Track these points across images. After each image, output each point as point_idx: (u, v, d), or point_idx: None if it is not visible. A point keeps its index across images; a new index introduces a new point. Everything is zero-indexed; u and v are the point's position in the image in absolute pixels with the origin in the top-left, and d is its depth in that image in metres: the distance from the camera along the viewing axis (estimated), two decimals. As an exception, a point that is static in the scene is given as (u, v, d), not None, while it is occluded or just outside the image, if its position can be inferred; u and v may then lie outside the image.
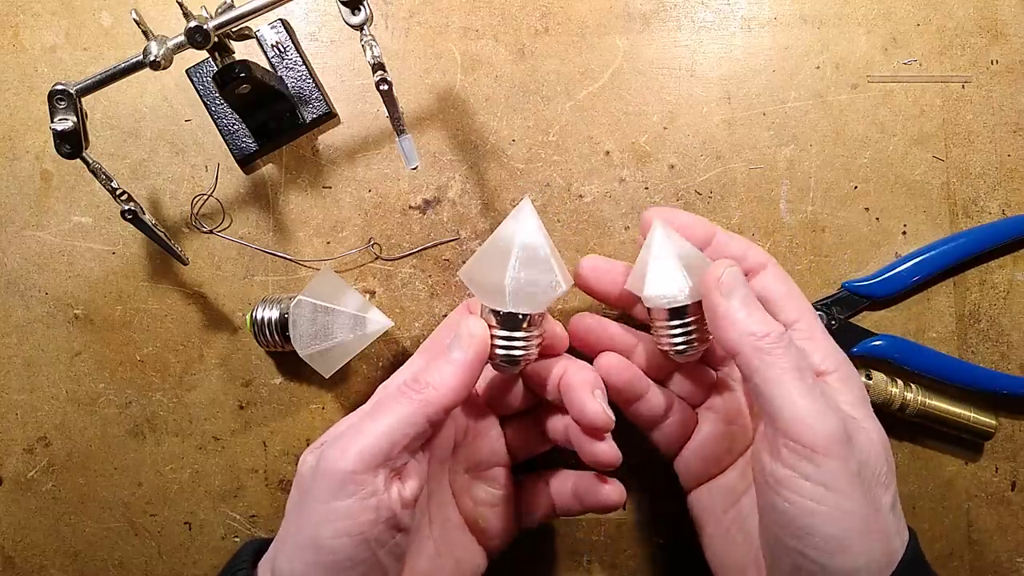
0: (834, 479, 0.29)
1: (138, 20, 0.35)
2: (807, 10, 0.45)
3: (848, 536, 0.29)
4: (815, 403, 0.30)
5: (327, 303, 0.40)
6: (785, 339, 0.31)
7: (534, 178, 0.45)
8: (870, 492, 0.30)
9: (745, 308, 0.32)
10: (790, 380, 0.30)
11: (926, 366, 0.42)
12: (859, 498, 0.29)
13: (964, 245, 0.43)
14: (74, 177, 0.45)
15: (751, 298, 0.33)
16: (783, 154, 0.44)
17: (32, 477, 0.45)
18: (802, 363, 0.31)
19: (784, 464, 0.30)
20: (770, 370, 0.31)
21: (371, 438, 0.31)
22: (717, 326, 0.33)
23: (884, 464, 0.31)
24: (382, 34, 0.45)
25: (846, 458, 0.29)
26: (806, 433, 0.29)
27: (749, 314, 0.32)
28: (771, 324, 0.32)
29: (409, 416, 0.32)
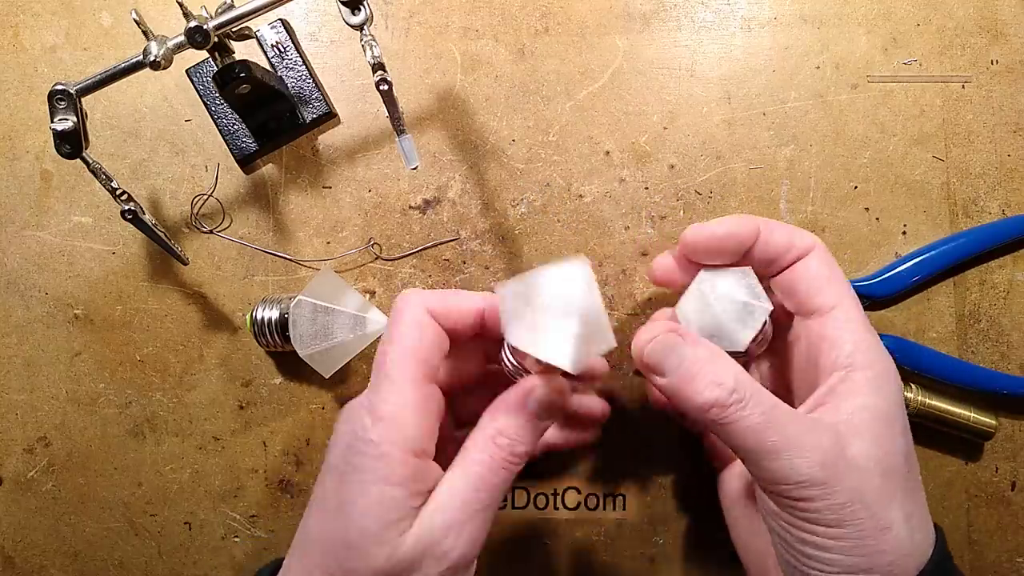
0: (824, 516, 0.29)
1: (138, 20, 0.35)
2: (807, 10, 0.45)
3: (850, 561, 0.29)
4: (786, 458, 0.28)
5: (327, 303, 0.40)
6: (735, 398, 0.29)
7: (534, 178, 0.45)
8: (868, 515, 0.29)
9: (682, 380, 0.30)
10: (756, 443, 0.29)
11: (926, 366, 0.42)
12: (854, 526, 0.29)
13: (964, 245, 0.43)
14: (74, 177, 0.45)
15: (687, 364, 0.30)
16: (783, 154, 0.44)
17: (32, 477, 0.45)
18: (766, 415, 0.29)
19: (775, 505, 0.30)
20: (731, 438, 0.30)
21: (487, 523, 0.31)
22: (671, 401, 0.32)
23: (883, 479, 0.29)
24: (382, 34, 0.45)
25: (833, 494, 0.28)
26: (783, 489, 0.29)
27: (688, 386, 0.30)
28: (715, 388, 0.30)
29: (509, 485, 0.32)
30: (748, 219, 0.35)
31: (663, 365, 0.31)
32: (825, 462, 0.29)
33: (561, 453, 0.44)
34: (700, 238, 0.35)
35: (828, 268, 0.34)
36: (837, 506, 0.29)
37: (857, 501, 0.29)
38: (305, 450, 0.44)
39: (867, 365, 0.31)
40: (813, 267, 0.34)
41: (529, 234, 0.45)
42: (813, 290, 0.33)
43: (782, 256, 0.34)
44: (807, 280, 0.34)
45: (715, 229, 0.34)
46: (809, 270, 0.34)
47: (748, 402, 0.29)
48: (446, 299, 0.33)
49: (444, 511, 0.30)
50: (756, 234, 0.34)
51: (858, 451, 0.30)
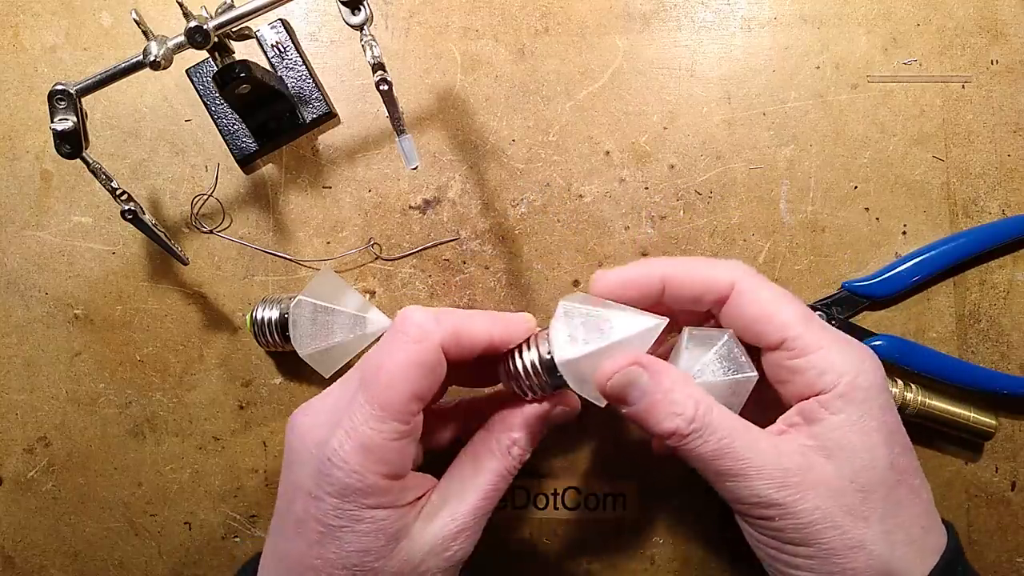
0: (788, 535, 0.30)
1: (138, 20, 0.35)
2: (807, 10, 0.45)
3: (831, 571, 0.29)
4: (745, 483, 0.29)
5: (327, 303, 0.40)
6: (694, 428, 0.30)
7: (534, 178, 0.45)
8: (836, 535, 0.29)
9: (645, 409, 0.31)
10: (715, 469, 0.30)
11: (926, 366, 0.42)
12: (817, 545, 0.29)
13: (964, 245, 0.43)
14: (74, 177, 0.45)
15: (647, 394, 0.31)
16: (783, 154, 0.44)
17: (32, 477, 0.45)
18: (723, 441, 0.30)
19: (736, 515, 0.31)
20: (696, 462, 0.31)
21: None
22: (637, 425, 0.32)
23: (858, 496, 0.29)
24: (382, 34, 0.45)
25: (790, 514, 0.29)
26: (747, 509, 0.30)
27: (650, 414, 0.31)
28: (675, 419, 0.30)
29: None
30: (651, 267, 0.33)
31: (626, 397, 0.31)
32: (785, 483, 0.29)
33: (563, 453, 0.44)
34: (604, 287, 0.34)
35: (757, 305, 0.32)
36: (800, 525, 0.29)
37: (823, 520, 0.29)
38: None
39: (834, 383, 0.30)
40: (744, 305, 0.32)
41: (529, 234, 0.45)
42: (755, 329, 0.32)
43: (701, 299, 0.33)
44: (745, 320, 0.32)
45: (615, 278, 0.33)
46: (742, 309, 0.32)
47: (705, 431, 0.30)
48: (459, 334, 0.31)
49: (455, 518, 0.31)
50: (660, 283, 0.33)
51: (828, 471, 0.30)
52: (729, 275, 0.33)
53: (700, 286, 0.33)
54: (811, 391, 0.31)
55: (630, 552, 0.44)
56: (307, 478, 0.30)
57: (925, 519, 0.31)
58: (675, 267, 0.33)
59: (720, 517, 0.43)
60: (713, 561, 0.43)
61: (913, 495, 0.31)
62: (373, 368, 0.30)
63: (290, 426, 0.32)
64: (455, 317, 0.32)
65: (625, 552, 0.44)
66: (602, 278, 0.34)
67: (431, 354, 0.30)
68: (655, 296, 0.34)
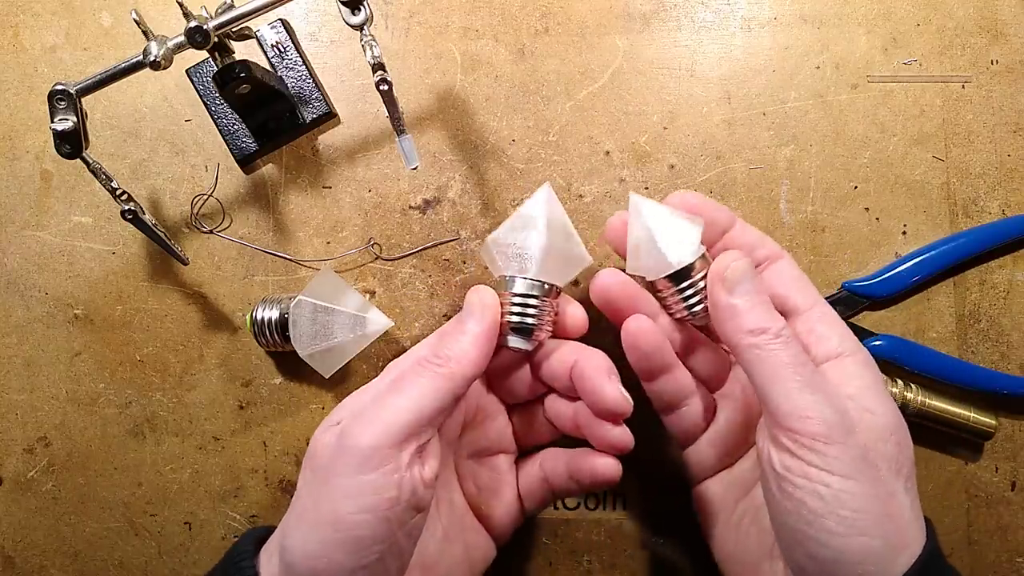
0: (838, 464, 0.29)
1: (138, 20, 0.35)
2: (807, 10, 0.45)
3: (860, 518, 0.29)
4: (811, 395, 0.30)
5: (327, 303, 0.40)
6: (784, 335, 0.31)
7: (534, 178, 0.45)
8: (878, 475, 0.30)
9: (748, 303, 0.32)
10: (787, 375, 0.30)
11: (926, 366, 0.42)
12: (867, 481, 0.29)
13: (964, 245, 0.43)
14: (74, 177, 0.45)
15: (755, 292, 0.33)
16: (783, 154, 0.44)
17: (32, 477, 0.45)
18: (800, 357, 0.31)
19: (788, 453, 0.30)
20: (765, 366, 0.31)
21: (398, 413, 0.31)
22: (717, 320, 0.33)
23: (894, 447, 0.31)
24: (382, 34, 0.45)
25: (848, 444, 0.29)
26: (805, 424, 0.29)
27: (751, 309, 0.32)
28: (771, 320, 0.32)
29: (434, 390, 0.32)
30: (726, 209, 0.36)
31: (738, 286, 0.33)
32: (845, 411, 0.30)
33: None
34: (685, 203, 0.36)
35: (800, 273, 0.35)
36: (852, 457, 0.29)
37: (870, 458, 0.30)
38: (305, 450, 0.44)
39: (855, 351, 0.33)
40: (787, 270, 0.35)
41: (529, 234, 0.45)
42: (792, 291, 0.35)
43: (752, 251, 0.35)
44: (783, 283, 0.35)
45: (705, 202, 0.36)
46: (783, 273, 0.35)
47: (791, 340, 0.31)
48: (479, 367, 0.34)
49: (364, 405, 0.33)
50: (732, 223, 0.36)
51: (871, 418, 0.31)
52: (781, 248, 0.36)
53: (757, 239, 0.36)
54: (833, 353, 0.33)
55: (630, 552, 0.44)
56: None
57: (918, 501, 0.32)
58: (743, 223, 0.37)
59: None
60: (713, 561, 0.43)
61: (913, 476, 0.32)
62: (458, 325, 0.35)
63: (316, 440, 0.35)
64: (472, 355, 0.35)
65: (625, 552, 0.44)
66: (699, 198, 0.36)
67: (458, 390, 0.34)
68: (721, 231, 0.36)
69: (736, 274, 0.33)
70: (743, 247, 0.35)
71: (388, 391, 0.32)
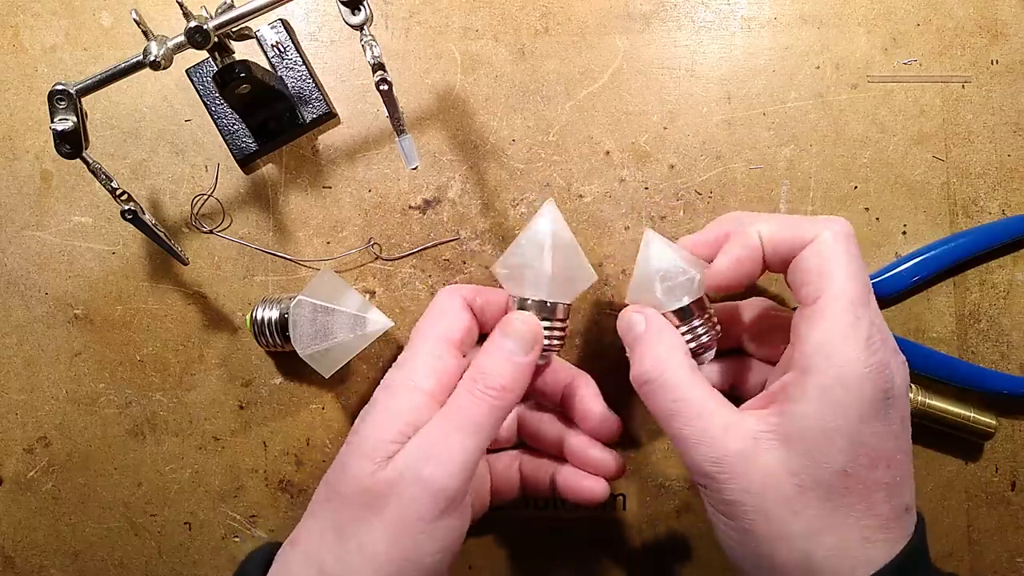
0: (715, 505, 0.32)
1: (138, 20, 0.34)
2: (807, 10, 0.45)
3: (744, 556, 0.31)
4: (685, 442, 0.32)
5: (327, 303, 0.40)
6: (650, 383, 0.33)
7: (534, 178, 0.45)
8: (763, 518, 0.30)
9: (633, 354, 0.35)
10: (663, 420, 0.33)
11: (926, 366, 0.42)
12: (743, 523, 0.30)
13: (964, 245, 0.43)
14: (74, 177, 0.45)
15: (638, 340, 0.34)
16: (783, 154, 0.44)
17: (32, 477, 0.45)
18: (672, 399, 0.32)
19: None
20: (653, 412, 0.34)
21: (467, 452, 0.31)
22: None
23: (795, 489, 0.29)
24: (382, 34, 0.45)
25: (719, 489, 0.31)
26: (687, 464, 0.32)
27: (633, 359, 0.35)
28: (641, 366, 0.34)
29: (493, 422, 0.33)
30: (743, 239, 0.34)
31: (624, 336, 0.36)
32: (720, 462, 0.30)
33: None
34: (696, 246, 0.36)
35: (822, 258, 0.31)
36: (727, 501, 0.30)
37: (749, 504, 0.30)
38: (305, 450, 0.44)
39: (824, 369, 0.29)
40: (806, 258, 0.32)
41: (529, 234, 0.45)
42: (801, 282, 0.32)
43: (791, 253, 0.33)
44: (798, 272, 0.32)
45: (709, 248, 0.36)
46: (802, 261, 0.32)
47: (659, 388, 0.33)
48: (479, 291, 0.38)
49: (424, 439, 0.32)
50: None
51: (772, 459, 0.30)
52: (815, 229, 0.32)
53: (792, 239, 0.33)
54: (797, 365, 0.30)
55: (630, 552, 0.44)
56: None
57: (871, 532, 0.29)
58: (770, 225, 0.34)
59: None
60: (713, 561, 0.43)
61: (866, 507, 0.29)
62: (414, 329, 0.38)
63: None
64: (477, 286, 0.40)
65: (625, 552, 0.44)
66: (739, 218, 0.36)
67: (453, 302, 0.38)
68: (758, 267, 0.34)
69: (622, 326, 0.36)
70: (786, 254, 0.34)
71: (447, 423, 0.33)
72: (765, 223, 0.34)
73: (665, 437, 0.44)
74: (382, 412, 0.33)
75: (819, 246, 0.32)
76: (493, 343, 0.34)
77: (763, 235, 0.33)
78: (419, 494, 0.31)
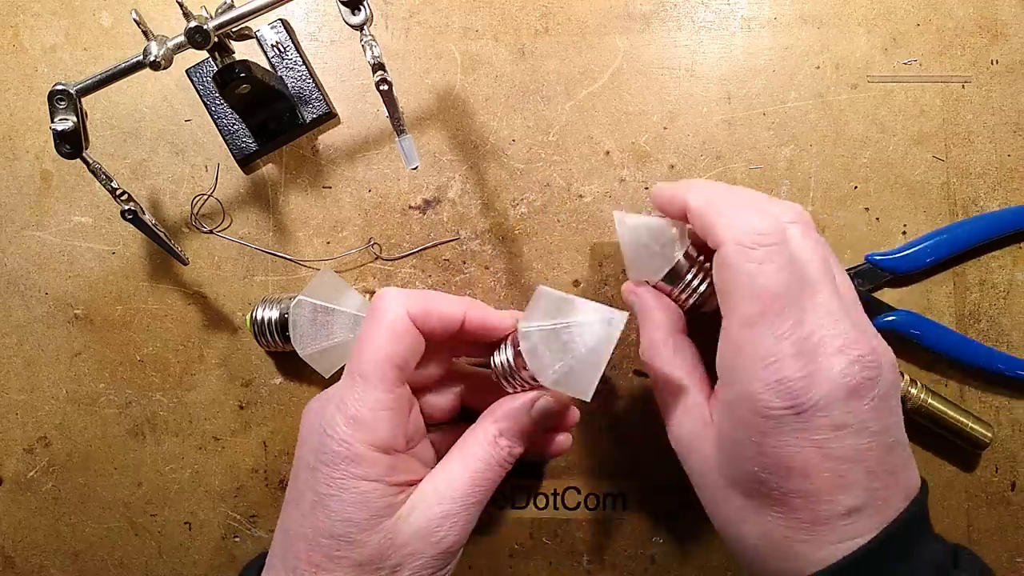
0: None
1: (138, 20, 0.35)
2: (807, 10, 0.45)
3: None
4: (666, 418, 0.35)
5: (327, 303, 0.40)
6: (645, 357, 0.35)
7: (534, 178, 0.45)
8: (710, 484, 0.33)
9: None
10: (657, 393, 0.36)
11: (939, 343, 0.42)
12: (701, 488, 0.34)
13: (991, 224, 0.43)
14: (74, 177, 0.45)
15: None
16: (783, 154, 0.44)
17: (32, 477, 0.45)
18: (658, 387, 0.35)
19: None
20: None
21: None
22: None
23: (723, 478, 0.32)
24: (382, 34, 0.45)
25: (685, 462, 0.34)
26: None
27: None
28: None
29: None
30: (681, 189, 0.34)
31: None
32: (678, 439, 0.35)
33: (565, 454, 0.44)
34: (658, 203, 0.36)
35: (720, 276, 0.31)
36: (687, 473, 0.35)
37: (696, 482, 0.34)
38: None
39: (728, 383, 0.31)
40: (715, 269, 0.32)
41: (529, 234, 0.45)
42: (724, 291, 0.31)
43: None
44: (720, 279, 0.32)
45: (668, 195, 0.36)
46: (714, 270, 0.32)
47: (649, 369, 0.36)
48: (427, 304, 0.34)
49: (442, 502, 0.32)
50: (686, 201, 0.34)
51: (709, 448, 0.33)
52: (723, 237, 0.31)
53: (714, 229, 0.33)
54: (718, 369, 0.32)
55: (630, 552, 0.44)
56: (308, 453, 0.32)
57: (794, 532, 0.29)
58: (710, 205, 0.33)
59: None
60: (713, 561, 0.43)
61: (786, 510, 0.30)
62: (355, 347, 0.33)
63: (304, 411, 0.35)
64: (425, 294, 0.35)
65: (625, 552, 0.44)
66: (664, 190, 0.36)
67: (399, 322, 0.33)
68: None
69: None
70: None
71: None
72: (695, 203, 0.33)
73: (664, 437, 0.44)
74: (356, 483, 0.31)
75: (719, 259, 0.31)
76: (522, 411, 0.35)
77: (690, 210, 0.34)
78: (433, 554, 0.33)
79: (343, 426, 0.31)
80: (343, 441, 0.31)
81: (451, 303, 0.35)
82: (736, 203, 0.32)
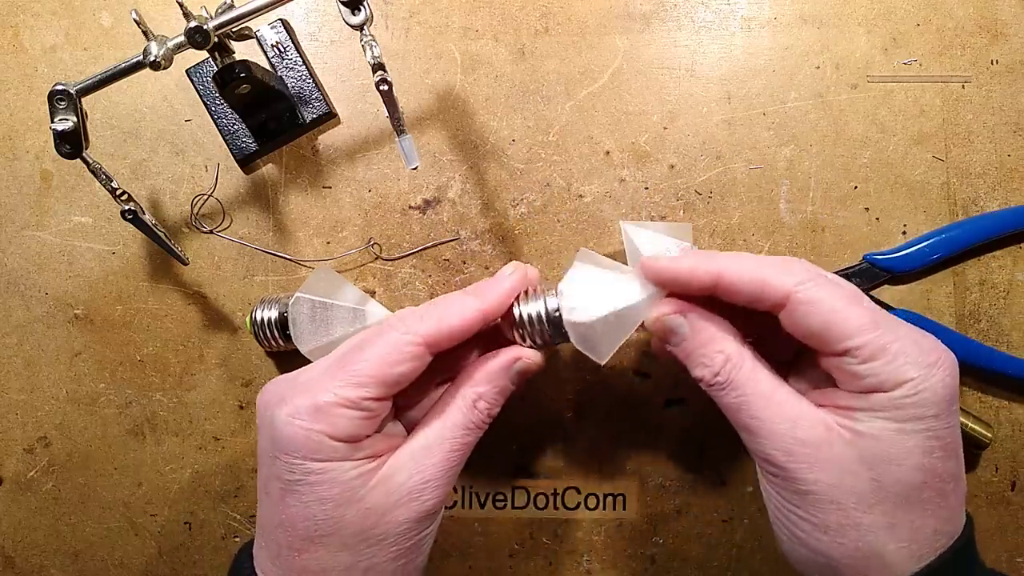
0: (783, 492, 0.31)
1: (138, 20, 0.35)
2: (807, 10, 0.45)
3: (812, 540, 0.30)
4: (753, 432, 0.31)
5: (325, 298, 0.40)
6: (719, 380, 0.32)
7: (534, 178, 0.45)
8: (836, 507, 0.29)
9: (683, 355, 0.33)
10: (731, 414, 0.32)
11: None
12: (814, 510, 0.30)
13: (989, 225, 0.43)
14: (74, 177, 0.45)
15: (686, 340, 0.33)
16: (783, 154, 0.44)
17: (32, 477, 0.45)
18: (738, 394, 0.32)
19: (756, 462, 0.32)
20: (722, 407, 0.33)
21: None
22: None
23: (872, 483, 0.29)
24: (382, 34, 0.45)
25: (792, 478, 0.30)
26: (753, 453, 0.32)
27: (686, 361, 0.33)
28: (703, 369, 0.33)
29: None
30: (704, 264, 0.32)
31: (668, 339, 0.34)
32: (791, 452, 0.30)
33: (563, 453, 0.44)
34: (654, 277, 0.34)
35: (819, 310, 0.30)
36: (801, 492, 0.30)
37: (823, 494, 0.30)
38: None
39: (892, 389, 0.29)
40: (803, 316, 0.30)
41: (529, 234, 0.45)
42: (817, 339, 0.31)
43: (756, 303, 0.32)
44: (804, 331, 0.31)
45: (667, 271, 0.33)
46: (802, 320, 0.31)
47: (728, 385, 0.32)
48: (440, 330, 0.32)
49: (422, 470, 0.32)
50: (712, 281, 0.32)
51: (848, 453, 0.30)
52: (783, 283, 0.30)
53: (753, 291, 0.31)
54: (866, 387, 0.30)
55: (630, 552, 0.44)
56: (267, 441, 0.32)
57: (942, 523, 0.30)
58: (728, 266, 0.32)
59: (719, 516, 0.43)
60: (712, 561, 0.43)
61: (940, 499, 0.30)
62: (354, 348, 0.32)
63: (259, 395, 0.33)
64: (437, 314, 0.33)
65: (625, 552, 0.44)
66: (652, 266, 0.34)
67: (412, 348, 0.32)
68: (708, 291, 0.33)
69: (662, 330, 0.33)
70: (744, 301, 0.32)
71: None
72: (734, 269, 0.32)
73: (664, 437, 0.44)
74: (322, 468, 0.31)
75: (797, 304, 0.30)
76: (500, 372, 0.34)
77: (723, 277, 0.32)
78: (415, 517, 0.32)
79: (305, 413, 0.30)
80: (301, 428, 0.30)
81: (465, 319, 0.33)
82: (763, 261, 0.32)
